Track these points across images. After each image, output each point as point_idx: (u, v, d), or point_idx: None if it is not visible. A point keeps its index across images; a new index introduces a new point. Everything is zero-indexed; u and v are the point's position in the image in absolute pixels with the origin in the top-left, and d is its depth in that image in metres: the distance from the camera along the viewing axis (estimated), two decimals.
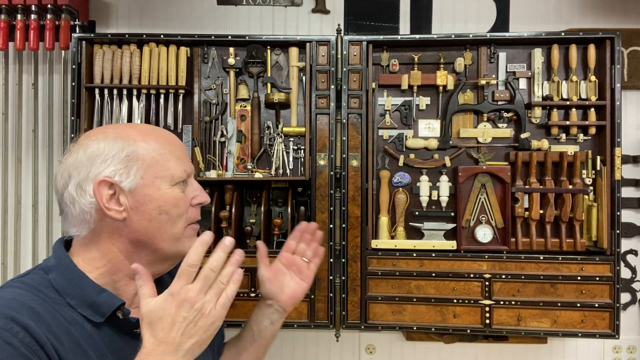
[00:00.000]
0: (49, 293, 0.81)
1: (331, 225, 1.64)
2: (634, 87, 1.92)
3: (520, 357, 1.95)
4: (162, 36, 1.70)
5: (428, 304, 1.65)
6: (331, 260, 1.64)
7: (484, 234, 1.68)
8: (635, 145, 1.93)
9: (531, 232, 1.68)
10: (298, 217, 1.75)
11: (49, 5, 1.82)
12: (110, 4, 1.99)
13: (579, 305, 1.62)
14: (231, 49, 1.73)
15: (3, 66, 1.96)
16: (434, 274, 1.64)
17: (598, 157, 1.66)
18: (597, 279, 1.61)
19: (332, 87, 1.67)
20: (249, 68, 1.74)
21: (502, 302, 1.63)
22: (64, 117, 1.94)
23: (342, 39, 1.67)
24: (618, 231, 1.61)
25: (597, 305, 1.61)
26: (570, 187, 1.66)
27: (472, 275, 1.63)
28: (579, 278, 1.62)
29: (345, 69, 1.67)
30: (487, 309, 1.63)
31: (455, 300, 1.64)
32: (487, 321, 1.63)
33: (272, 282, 1.13)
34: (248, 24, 1.99)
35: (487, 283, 1.63)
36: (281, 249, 1.22)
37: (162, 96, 1.72)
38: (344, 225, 1.65)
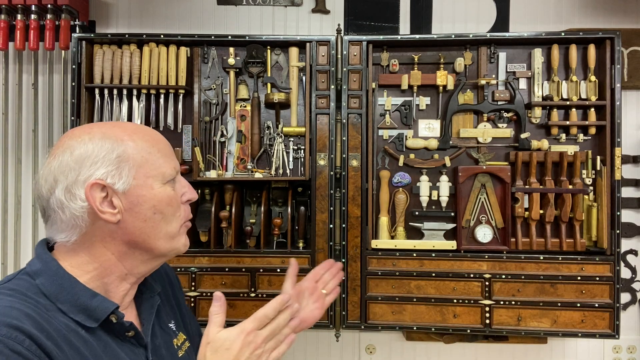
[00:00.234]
0: (39, 299, 0.78)
1: (331, 225, 1.64)
2: (634, 87, 1.92)
3: (520, 357, 1.95)
4: (162, 36, 1.70)
5: (428, 304, 1.65)
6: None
7: (484, 234, 1.68)
8: (635, 145, 1.93)
9: (531, 232, 1.68)
10: (298, 217, 1.75)
11: (49, 5, 1.82)
12: (110, 4, 1.99)
13: (579, 305, 1.62)
14: (231, 49, 1.73)
15: (3, 66, 1.96)
16: (434, 274, 1.64)
17: (598, 157, 1.66)
18: (597, 279, 1.61)
19: (332, 87, 1.67)
20: (249, 68, 1.74)
21: (502, 302, 1.63)
22: (64, 117, 1.94)
23: (342, 39, 1.67)
24: (618, 231, 1.61)
25: (597, 305, 1.61)
26: (570, 187, 1.66)
27: (472, 275, 1.64)
28: (579, 278, 1.62)
29: (345, 69, 1.67)
30: (487, 309, 1.63)
31: (455, 300, 1.64)
32: (487, 321, 1.63)
33: (292, 301, 1.13)
34: (248, 24, 1.99)
35: (487, 283, 1.63)
36: (308, 274, 1.24)
37: (162, 96, 1.72)
38: (344, 225, 1.65)
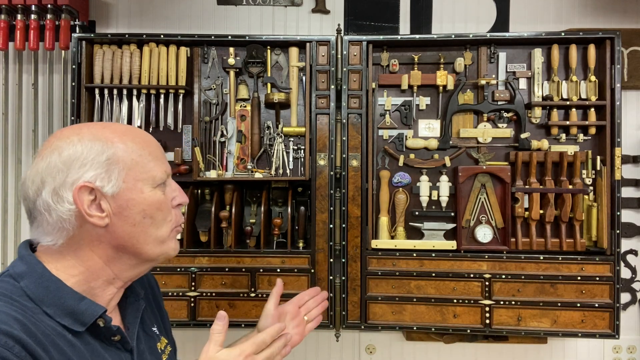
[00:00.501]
0: (25, 302, 0.76)
1: (331, 225, 1.64)
2: (634, 87, 1.92)
3: (520, 357, 1.95)
4: (162, 36, 1.70)
5: (428, 304, 1.65)
6: (331, 260, 1.64)
7: (484, 234, 1.68)
8: (635, 145, 1.93)
9: (531, 232, 1.68)
10: (298, 217, 1.75)
11: (49, 5, 1.82)
12: (110, 4, 1.99)
13: (579, 305, 1.62)
14: (231, 49, 1.73)
15: (3, 66, 1.96)
16: (434, 274, 1.64)
17: (598, 157, 1.66)
18: (597, 279, 1.61)
19: (332, 87, 1.67)
20: (249, 68, 1.74)
21: (502, 302, 1.63)
22: (64, 117, 1.94)
23: (342, 39, 1.67)
24: (618, 231, 1.61)
25: (597, 305, 1.61)
26: (570, 187, 1.66)
27: (472, 275, 1.64)
28: (579, 278, 1.62)
29: (345, 69, 1.67)
30: (487, 309, 1.63)
31: (455, 300, 1.64)
32: (487, 321, 1.63)
33: (273, 321, 1.12)
34: (248, 24, 1.99)
35: (487, 283, 1.63)
36: (293, 298, 1.23)
37: (162, 96, 1.72)
38: (344, 225, 1.65)
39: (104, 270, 0.84)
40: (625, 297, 1.93)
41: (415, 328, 1.65)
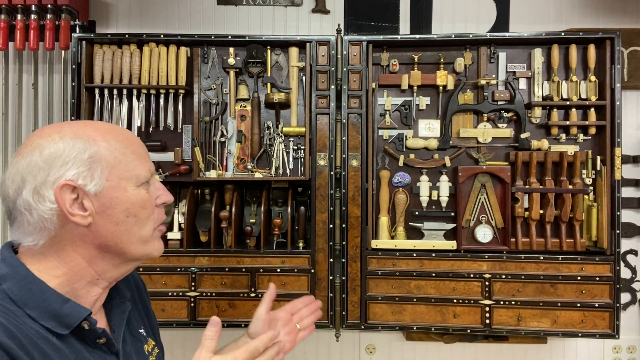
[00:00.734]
0: (7, 305, 0.74)
1: (331, 225, 1.64)
2: (634, 87, 1.92)
3: (520, 357, 1.95)
4: (162, 36, 1.70)
5: (428, 304, 1.65)
6: (331, 260, 1.64)
7: (484, 234, 1.68)
8: (635, 145, 1.93)
9: (531, 232, 1.68)
10: (298, 217, 1.75)
11: (49, 5, 1.82)
12: (110, 4, 1.99)
13: (579, 305, 1.62)
14: (231, 49, 1.73)
15: (3, 66, 1.96)
16: (434, 274, 1.64)
17: (598, 157, 1.66)
18: (597, 279, 1.61)
19: (332, 87, 1.67)
20: (249, 68, 1.74)
21: (502, 302, 1.63)
22: (64, 117, 1.94)
23: (342, 39, 1.67)
24: (618, 231, 1.61)
25: (597, 305, 1.61)
26: (570, 187, 1.66)
27: (472, 275, 1.64)
28: (579, 278, 1.62)
29: (345, 69, 1.67)
30: (487, 309, 1.63)
31: (455, 300, 1.64)
32: (487, 321, 1.63)
33: (264, 326, 1.11)
34: (248, 24, 1.99)
35: (487, 283, 1.63)
36: (286, 305, 1.21)
37: (162, 96, 1.72)
38: (344, 225, 1.65)
39: (87, 271, 0.82)
40: (625, 297, 1.94)
41: (415, 328, 1.65)
